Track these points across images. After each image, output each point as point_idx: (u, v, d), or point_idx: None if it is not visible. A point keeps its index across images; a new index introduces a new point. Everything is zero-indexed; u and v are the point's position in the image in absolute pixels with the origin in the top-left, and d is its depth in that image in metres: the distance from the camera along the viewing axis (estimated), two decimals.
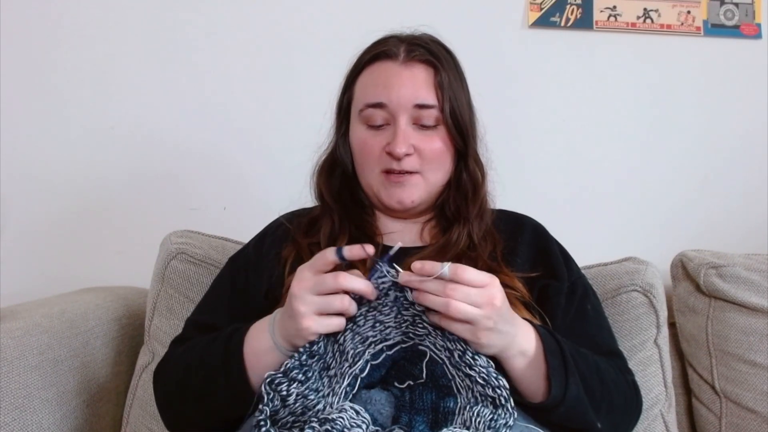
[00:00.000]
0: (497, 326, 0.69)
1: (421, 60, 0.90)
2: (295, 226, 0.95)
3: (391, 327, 0.73)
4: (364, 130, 0.92)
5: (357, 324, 0.72)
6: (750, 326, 1.11)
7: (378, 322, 0.72)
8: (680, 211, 1.48)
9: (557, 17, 1.48)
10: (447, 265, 0.68)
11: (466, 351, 0.69)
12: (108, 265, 1.43)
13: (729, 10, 1.50)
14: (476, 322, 0.68)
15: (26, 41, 1.45)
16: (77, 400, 1.03)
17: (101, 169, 1.45)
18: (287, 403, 0.68)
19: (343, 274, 0.70)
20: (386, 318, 0.72)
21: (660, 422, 1.07)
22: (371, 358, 0.72)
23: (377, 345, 0.72)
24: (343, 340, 0.72)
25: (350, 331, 0.72)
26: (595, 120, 1.49)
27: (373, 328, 0.72)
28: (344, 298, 0.70)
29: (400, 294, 0.72)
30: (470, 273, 0.68)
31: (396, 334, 0.73)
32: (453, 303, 0.67)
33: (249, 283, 0.92)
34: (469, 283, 0.68)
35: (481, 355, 0.69)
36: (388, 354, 0.73)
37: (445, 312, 0.68)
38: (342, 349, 0.72)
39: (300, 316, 0.70)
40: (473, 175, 0.94)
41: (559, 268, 0.92)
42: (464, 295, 0.67)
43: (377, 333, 0.72)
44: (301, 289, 0.71)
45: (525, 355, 0.73)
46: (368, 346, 0.72)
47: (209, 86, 1.47)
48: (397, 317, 0.72)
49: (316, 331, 0.70)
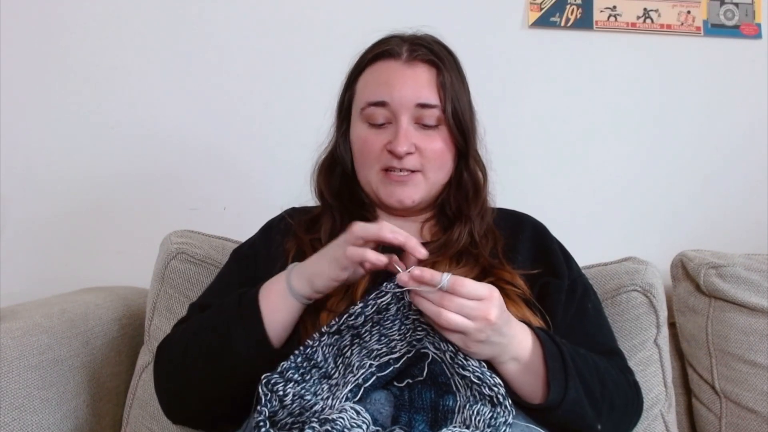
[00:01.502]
0: (489, 339, 0.69)
1: (423, 60, 0.91)
2: (296, 221, 0.96)
3: (396, 340, 0.73)
4: (365, 129, 0.92)
5: (363, 339, 0.73)
6: (750, 326, 1.11)
7: (383, 336, 0.73)
8: (680, 211, 1.48)
9: (557, 17, 1.48)
10: (447, 276, 0.68)
11: (457, 352, 0.70)
12: (108, 265, 1.43)
13: (729, 10, 1.50)
14: (468, 333, 0.68)
15: (26, 40, 1.45)
16: (77, 400, 1.03)
17: (101, 169, 1.45)
18: (285, 404, 0.68)
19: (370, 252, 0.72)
20: (390, 332, 0.73)
21: (660, 422, 1.07)
22: (377, 370, 0.72)
23: (383, 357, 0.73)
24: (350, 353, 0.72)
25: (357, 345, 0.72)
26: (595, 120, 1.49)
27: (378, 341, 0.73)
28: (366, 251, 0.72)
29: (398, 303, 0.72)
30: (469, 286, 0.68)
31: (402, 345, 0.73)
32: (444, 314, 0.67)
33: (255, 272, 0.91)
34: (466, 296, 0.68)
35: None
36: (395, 367, 0.73)
37: (436, 321, 0.68)
38: (348, 362, 0.72)
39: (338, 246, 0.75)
40: (474, 175, 0.94)
41: (560, 266, 0.92)
42: (459, 306, 0.67)
43: (383, 346, 0.73)
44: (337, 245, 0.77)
45: (517, 360, 0.74)
46: (374, 358, 0.73)
47: (210, 86, 1.47)
48: (401, 329, 0.73)
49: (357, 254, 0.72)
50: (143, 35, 1.47)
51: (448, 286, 0.67)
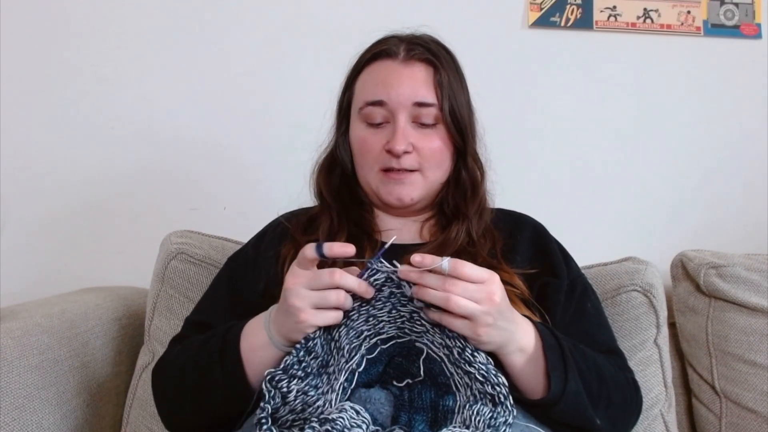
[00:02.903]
0: (496, 322, 0.69)
1: (420, 59, 0.91)
2: (293, 224, 0.96)
3: (385, 321, 0.73)
4: (364, 129, 0.92)
5: (351, 319, 0.72)
6: (750, 326, 1.11)
7: (371, 317, 0.72)
8: (680, 211, 1.48)
9: (557, 17, 1.48)
10: (447, 259, 0.68)
11: (465, 348, 0.69)
12: (108, 265, 1.43)
13: (729, 10, 1.50)
14: (475, 317, 0.68)
15: (26, 40, 1.45)
16: (77, 400, 1.03)
17: (101, 169, 1.45)
18: (288, 401, 0.68)
19: (339, 271, 0.70)
20: (379, 312, 0.72)
21: (660, 422, 1.07)
22: (366, 352, 0.72)
23: (371, 339, 0.73)
24: (338, 336, 0.72)
25: (344, 326, 0.72)
26: (595, 120, 1.49)
27: (366, 322, 0.72)
28: (340, 293, 0.70)
29: (397, 290, 0.72)
30: (469, 268, 0.68)
31: (390, 328, 0.73)
32: (453, 298, 0.67)
33: (246, 282, 0.92)
34: (468, 279, 0.68)
35: (480, 351, 0.69)
36: (382, 348, 0.73)
37: (444, 306, 0.68)
38: (338, 345, 0.72)
39: (297, 310, 0.70)
40: (472, 174, 0.94)
41: (559, 266, 0.92)
42: (463, 290, 0.67)
43: (371, 327, 0.73)
44: (295, 284, 0.71)
45: (524, 351, 0.74)
46: (363, 340, 0.72)
47: (210, 86, 1.47)
48: (392, 312, 0.73)
49: (314, 323, 0.70)
50: (143, 35, 1.47)
51: (449, 269, 0.67)
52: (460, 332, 0.69)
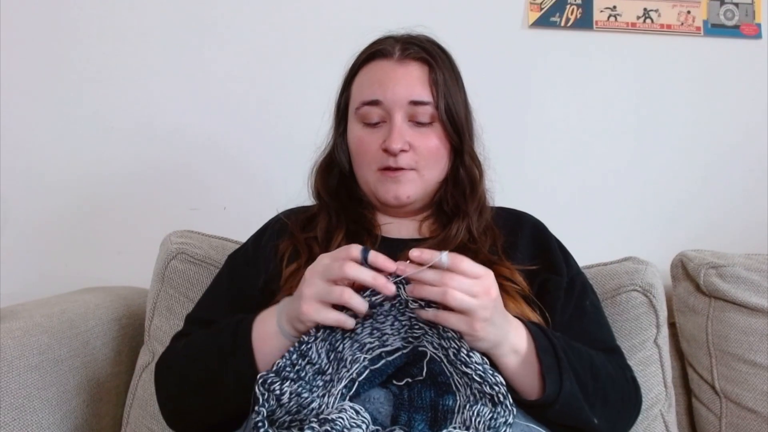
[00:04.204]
0: (493, 318, 0.69)
1: (415, 58, 0.91)
2: (292, 221, 0.96)
3: (388, 334, 0.73)
4: (361, 129, 0.93)
5: (355, 332, 0.72)
6: (750, 326, 1.11)
7: (375, 329, 0.73)
8: (680, 210, 1.48)
9: (557, 17, 1.48)
10: (446, 253, 0.68)
11: (460, 349, 0.69)
12: (108, 265, 1.43)
13: (729, 10, 1.50)
14: (472, 312, 0.67)
15: (26, 39, 1.45)
16: (77, 400, 1.03)
17: (101, 168, 1.45)
18: (282, 402, 0.68)
19: (352, 264, 0.69)
20: (382, 326, 0.73)
21: (660, 422, 1.07)
22: (370, 363, 0.72)
23: (375, 351, 0.73)
24: (341, 348, 0.72)
25: (348, 339, 0.72)
26: (595, 120, 1.49)
27: (371, 335, 0.73)
28: (344, 291, 0.69)
29: (394, 300, 0.72)
30: (467, 264, 0.69)
31: (395, 340, 0.73)
32: (450, 291, 0.67)
33: (247, 278, 0.92)
34: (465, 274, 0.68)
35: (475, 352, 0.69)
36: (388, 360, 0.73)
37: (441, 301, 0.68)
38: (340, 357, 0.72)
39: (303, 299, 0.70)
40: (470, 172, 0.94)
41: (559, 264, 0.93)
42: (460, 284, 0.67)
43: (375, 340, 0.73)
44: (313, 273, 0.72)
45: (517, 353, 0.73)
46: (366, 352, 0.72)
47: (210, 86, 1.47)
48: (394, 324, 0.73)
49: (313, 318, 0.70)
50: (143, 35, 1.47)
51: (449, 263, 0.68)
52: (456, 328, 0.69)
